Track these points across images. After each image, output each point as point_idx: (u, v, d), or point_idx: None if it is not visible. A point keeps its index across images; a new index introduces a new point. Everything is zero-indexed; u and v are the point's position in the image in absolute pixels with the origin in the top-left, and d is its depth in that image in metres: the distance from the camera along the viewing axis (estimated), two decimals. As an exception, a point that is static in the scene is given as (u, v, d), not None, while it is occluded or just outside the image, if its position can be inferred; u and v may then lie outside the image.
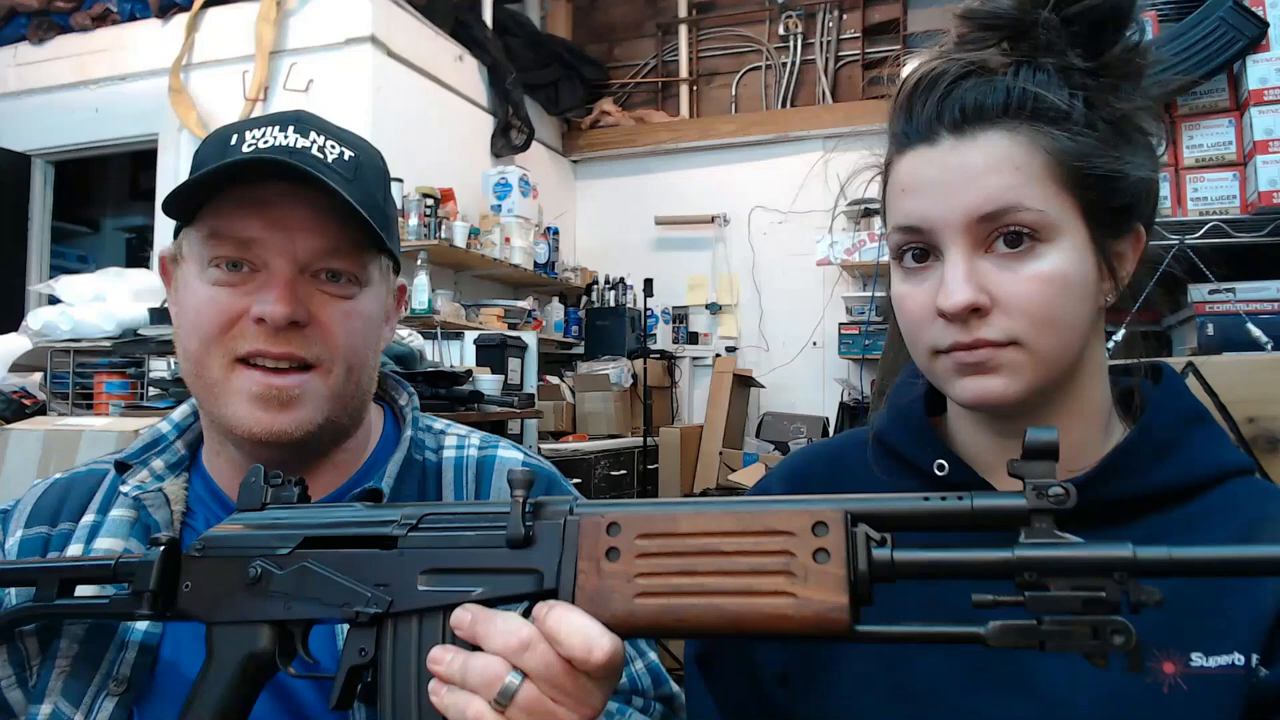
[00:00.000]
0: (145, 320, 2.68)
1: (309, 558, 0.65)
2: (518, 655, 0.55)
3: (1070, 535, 0.50)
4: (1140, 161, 0.70)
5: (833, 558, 0.52)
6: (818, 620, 0.52)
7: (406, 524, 0.63)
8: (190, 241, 0.83)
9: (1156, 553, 0.48)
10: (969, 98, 0.69)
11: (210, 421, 0.87)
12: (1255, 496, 0.73)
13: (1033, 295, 0.68)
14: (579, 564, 0.57)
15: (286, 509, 0.69)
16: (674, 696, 0.91)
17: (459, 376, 3.07)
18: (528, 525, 0.59)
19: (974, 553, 0.51)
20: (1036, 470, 0.50)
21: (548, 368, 4.87)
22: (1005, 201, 0.67)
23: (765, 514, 0.54)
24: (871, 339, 4.59)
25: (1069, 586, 0.48)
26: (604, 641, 0.54)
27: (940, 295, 0.70)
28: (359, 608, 0.62)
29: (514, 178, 4.57)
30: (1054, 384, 0.71)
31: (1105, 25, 0.69)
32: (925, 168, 0.71)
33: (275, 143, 0.81)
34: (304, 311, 0.80)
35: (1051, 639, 0.48)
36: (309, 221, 0.80)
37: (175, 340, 0.85)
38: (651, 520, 0.56)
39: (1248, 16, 1.94)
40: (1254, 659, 0.66)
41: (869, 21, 5.29)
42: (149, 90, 4.02)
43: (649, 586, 0.55)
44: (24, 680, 0.82)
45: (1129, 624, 0.47)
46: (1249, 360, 1.66)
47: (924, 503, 0.53)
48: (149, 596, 0.69)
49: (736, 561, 0.54)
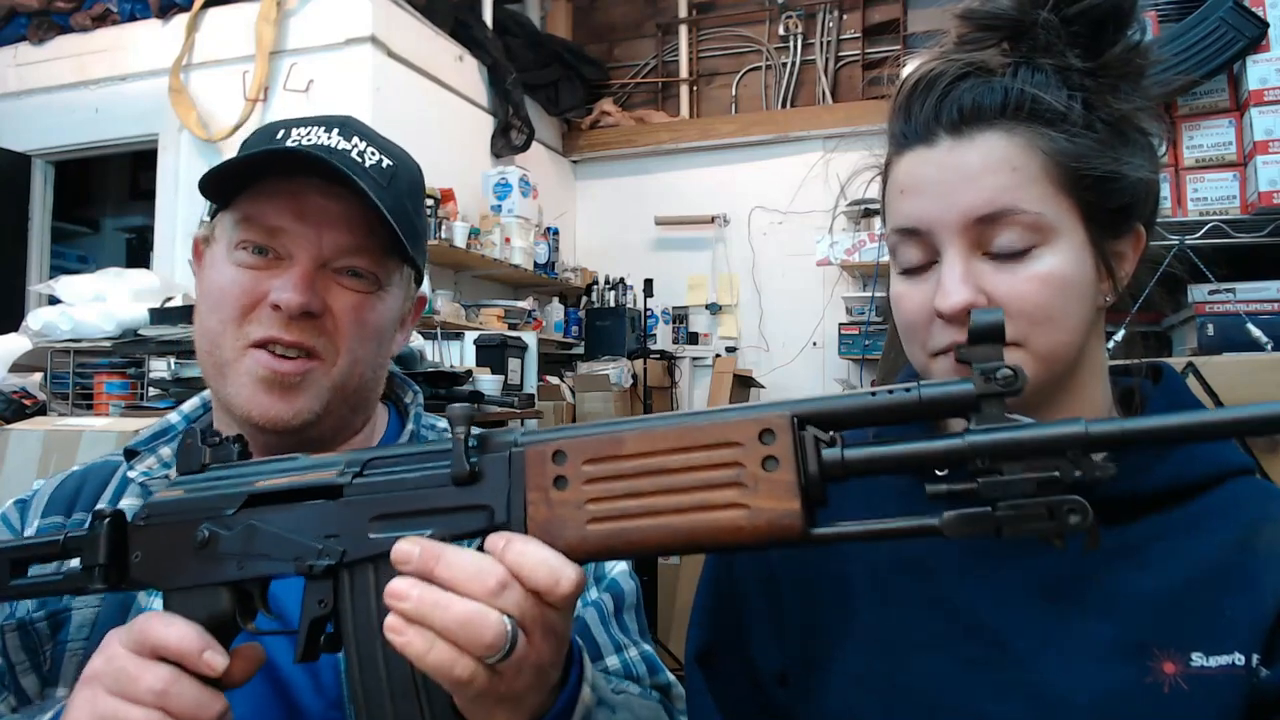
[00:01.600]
0: (145, 320, 2.68)
1: (255, 515, 0.64)
2: (497, 597, 0.52)
3: (1021, 416, 0.49)
4: (1139, 162, 0.70)
5: (782, 464, 0.51)
6: (771, 529, 0.51)
7: (350, 471, 0.62)
8: (223, 224, 0.86)
9: (1109, 426, 0.47)
10: (966, 98, 0.69)
11: (218, 402, 0.89)
12: (1256, 496, 0.73)
13: (1031, 296, 0.68)
14: (528, 495, 0.56)
15: (228, 467, 0.69)
16: (670, 685, 0.91)
17: (459, 377, 3.07)
18: (472, 461, 0.57)
19: (924, 444, 0.50)
20: (984, 354, 0.49)
21: (548, 368, 4.87)
22: (1002, 203, 0.67)
23: (711, 426, 0.53)
24: (871, 339, 4.59)
25: (1022, 469, 0.48)
26: (568, 571, 0.53)
27: (938, 296, 0.70)
28: (311, 561, 0.61)
29: (514, 178, 4.57)
30: (1053, 383, 0.71)
31: (1105, 25, 0.69)
32: (923, 168, 0.71)
33: (319, 142, 0.83)
34: (319, 302, 0.82)
35: (1007, 524, 0.48)
36: (338, 219, 0.83)
37: (195, 318, 0.87)
38: (597, 444, 0.55)
39: (1248, 16, 1.94)
40: (1255, 659, 0.66)
41: (869, 22, 5.29)
42: (149, 90, 4.02)
43: (599, 512, 0.54)
44: (38, 666, 0.84)
45: (1084, 502, 0.46)
46: (1249, 360, 1.66)
47: (871, 398, 0.52)
48: (100, 570, 0.68)
49: (685, 478, 0.53)
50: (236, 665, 0.62)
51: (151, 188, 4.09)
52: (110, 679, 0.60)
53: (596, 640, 0.87)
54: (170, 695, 0.59)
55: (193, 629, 0.61)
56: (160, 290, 2.97)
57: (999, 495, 0.48)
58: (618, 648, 0.89)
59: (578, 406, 4.65)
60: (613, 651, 0.88)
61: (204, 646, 0.60)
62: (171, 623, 0.61)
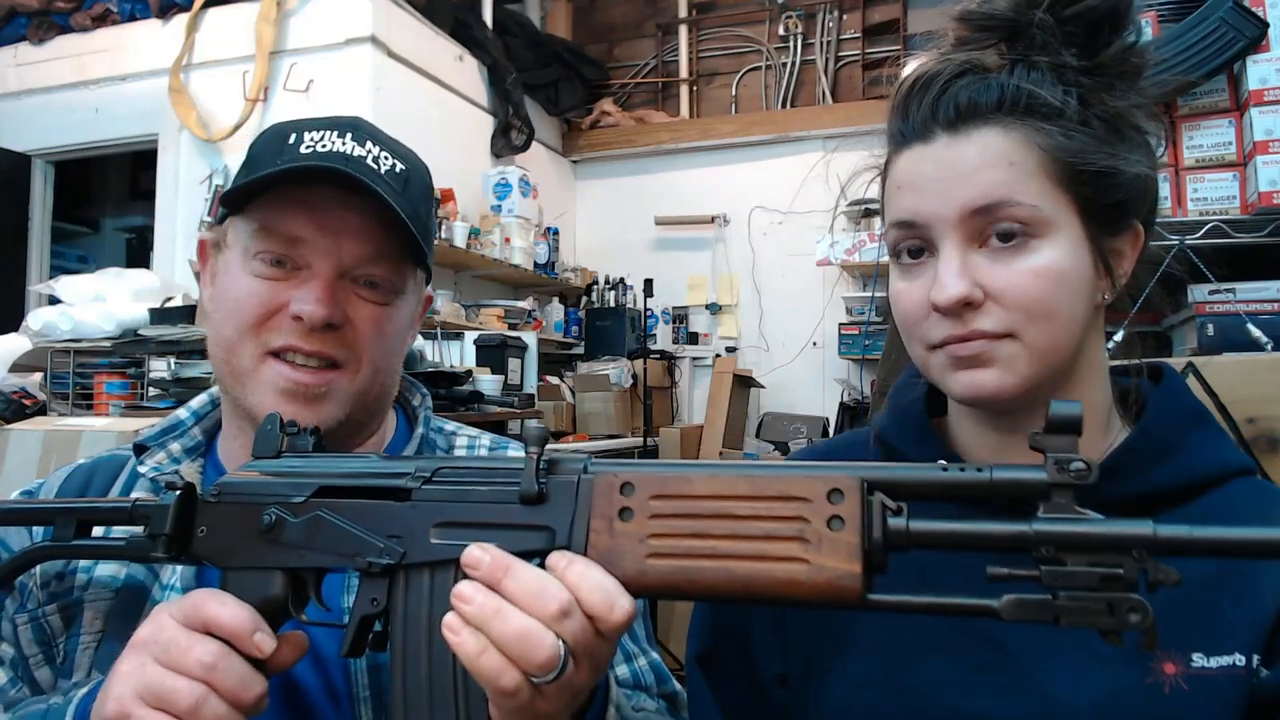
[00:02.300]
0: (145, 320, 2.68)
1: (322, 507, 0.65)
2: (558, 622, 0.53)
3: (1090, 511, 0.49)
4: (1135, 159, 0.70)
5: (847, 525, 0.51)
6: (830, 588, 0.51)
7: (420, 476, 0.63)
8: (237, 231, 0.85)
9: (1176, 531, 0.47)
10: (963, 95, 0.70)
11: (233, 406, 0.88)
12: (1256, 497, 0.73)
13: (1027, 288, 0.68)
14: (591, 523, 0.56)
15: (302, 457, 0.70)
16: (676, 694, 0.91)
17: (459, 377, 3.07)
18: (541, 482, 0.58)
19: (991, 525, 0.51)
20: (1058, 444, 0.49)
21: (548, 368, 4.87)
22: (998, 196, 0.68)
23: (780, 479, 0.54)
24: (871, 339, 4.59)
25: (1086, 562, 0.48)
26: (624, 600, 0.54)
27: (934, 289, 0.70)
28: (371, 558, 0.62)
29: (514, 178, 4.57)
30: (1050, 380, 0.71)
31: (1101, 26, 0.70)
32: (921, 165, 0.72)
33: (332, 148, 0.83)
34: (340, 314, 0.83)
35: (1066, 614, 0.48)
36: (356, 228, 0.83)
37: (207, 323, 0.87)
38: (665, 481, 0.56)
39: (1248, 17, 1.94)
40: (1255, 660, 0.66)
41: (869, 22, 5.29)
42: (149, 90, 4.02)
43: (661, 548, 0.55)
44: (51, 658, 0.84)
45: (1146, 602, 0.47)
46: (1249, 360, 1.66)
47: (942, 473, 0.52)
48: (164, 540, 0.69)
49: (750, 526, 0.53)
50: (283, 651, 0.63)
51: (151, 188, 4.09)
52: (160, 648, 0.61)
53: None
54: (218, 670, 0.60)
55: (245, 609, 0.62)
56: (160, 290, 2.97)
57: (1061, 585, 0.48)
58: (627, 656, 0.90)
59: (578, 407, 4.65)
60: (623, 660, 0.89)
61: (255, 627, 0.62)
62: (225, 601, 0.62)
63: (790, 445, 4.63)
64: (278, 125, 0.88)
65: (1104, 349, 0.76)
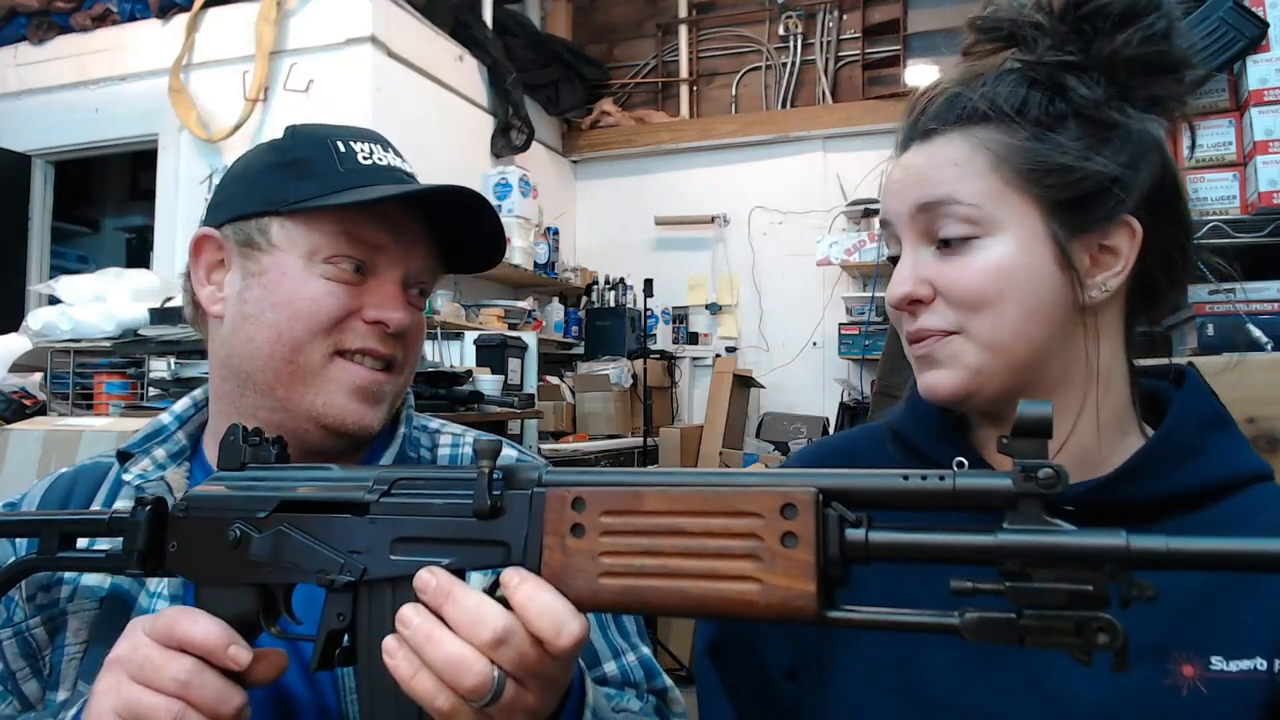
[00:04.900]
0: (145, 320, 2.68)
1: (285, 522, 0.64)
2: (493, 650, 0.53)
3: (1061, 522, 0.46)
4: (1109, 157, 0.70)
5: (801, 542, 0.49)
6: (784, 607, 0.49)
7: (379, 489, 0.62)
8: (291, 232, 0.84)
9: (1152, 543, 0.44)
10: (933, 108, 0.74)
11: (277, 406, 0.85)
12: (1277, 502, 0.72)
13: (965, 283, 0.70)
14: (544, 539, 0.55)
15: (265, 469, 0.70)
16: (666, 690, 0.91)
17: (459, 377, 3.08)
18: (494, 496, 0.57)
19: (954, 536, 0.48)
20: (1027, 448, 0.46)
21: (548, 368, 4.87)
22: (939, 194, 0.72)
23: (732, 495, 0.52)
24: (871, 339, 4.59)
25: (1054, 578, 0.45)
26: (573, 625, 0.53)
27: (889, 287, 0.74)
28: (333, 575, 0.62)
29: (514, 178, 4.57)
30: (1021, 381, 0.71)
31: (1101, 25, 0.70)
32: (894, 171, 0.77)
33: (386, 162, 0.88)
34: (410, 320, 0.87)
35: (1031, 634, 0.45)
36: (419, 237, 0.88)
37: (256, 321, 0.84)
38: (617, 497, 0.54)
39: (1248, 16, 1.94)
40: (1276, 664, 0.65)
41: (869, 21, 5.29)
42: (149, 90, 4.01)
43: (613, 566, 0.53)
44: (38, 671, 0.84)
45: (1116, 622, 0.44)
46: (1249, 360, 1.66)
47: (903, 481, 0.50)
48: (138, 555, 0.70)
49: (702, 543, 0.51)
50: (260, 667, 0.63)
51: (151, 188, 4.09)
52: (135, 666, 0.62)
53: (594, 646, 0.87)
54: (193, 686, 0.60)
55: (218, 624, 0.63)
56: (160, 290, 2.97)
57: (1026, 603, 0.45)
58: (616, 653, 0.89)
59: (578, 407, 4.65)
60: (610, 658, 0.88)
61: (229, 641, 0.62)
62: (198, 618, 0.63)
63: (790, 445, 4.63)
64: (306, 129, 0.88)
65: (1118, 351, 0.76)
